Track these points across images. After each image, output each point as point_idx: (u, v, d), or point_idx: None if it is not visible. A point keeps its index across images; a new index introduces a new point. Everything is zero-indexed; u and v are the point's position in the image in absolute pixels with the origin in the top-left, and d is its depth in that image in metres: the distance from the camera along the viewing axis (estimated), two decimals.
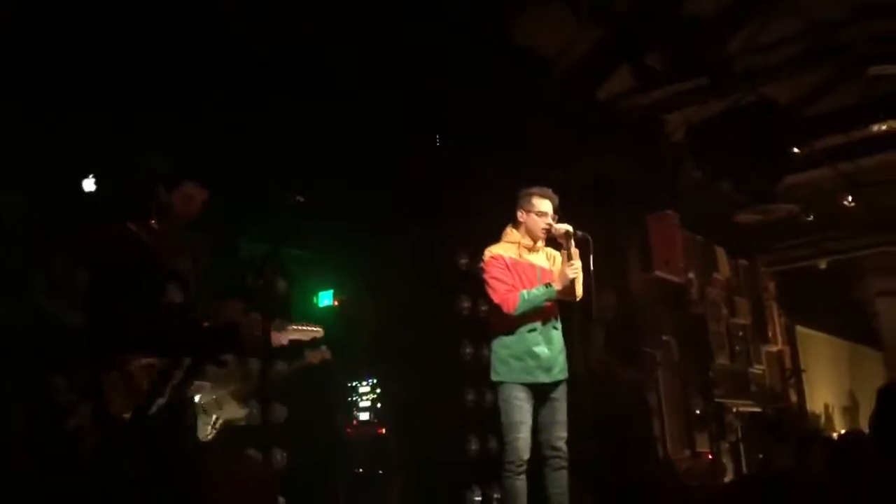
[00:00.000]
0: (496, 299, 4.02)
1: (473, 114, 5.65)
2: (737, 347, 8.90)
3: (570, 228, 4.07)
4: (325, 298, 7.47)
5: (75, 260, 4.35)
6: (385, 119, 5.43)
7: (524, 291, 4.00)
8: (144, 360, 3.10)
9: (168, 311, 3.25)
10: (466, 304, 6.67)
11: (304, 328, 4.40)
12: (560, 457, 4.00)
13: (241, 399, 4.89)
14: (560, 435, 4.02)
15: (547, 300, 4.04)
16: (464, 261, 6.64)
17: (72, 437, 4.54)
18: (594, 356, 5.37)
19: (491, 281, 4.07)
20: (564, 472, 4.00)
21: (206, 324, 3.34)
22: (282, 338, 4.20)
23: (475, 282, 6.04)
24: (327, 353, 5.14)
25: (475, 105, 5.58)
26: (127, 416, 3.03)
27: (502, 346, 4.07)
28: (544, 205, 4.16)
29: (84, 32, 4.18)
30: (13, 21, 3.96)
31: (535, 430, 4.03)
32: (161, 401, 3.08)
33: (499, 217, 4.39)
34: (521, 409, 3.96)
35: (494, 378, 4.07)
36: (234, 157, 5.30)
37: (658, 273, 7.44)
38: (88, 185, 4.33)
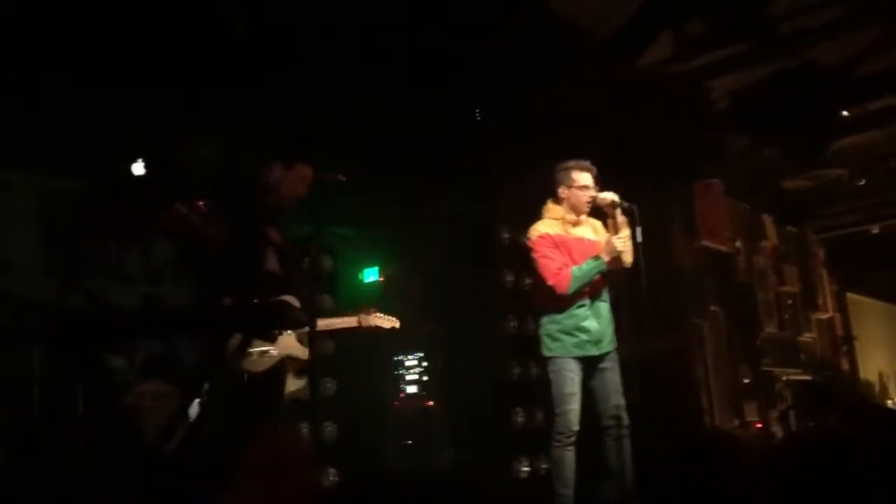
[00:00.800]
0: (550, 281, 4.02)
1: (513, 85, 5.62)
2: (785, 316, 8.76)
3: (616, 198, 4.05)
4: (371, 274, 7.57)
5: (127, 243, 4.47)
6: (426, 94, 5.44)
7: (575, 268, 4.00)
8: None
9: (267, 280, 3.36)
10: (510, 277, 6.68)
11: (387, 317, 4.79)
12: (620, 425, 4.00)
13: (298, 372, 5.00)
14: (617, 403, 4.03)
15: (598, 273, 4.04)
16: (506, 234, 6.65)
17: (129, 414, 4.71)
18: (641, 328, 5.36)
19: (541, 261, 4.08)
20: (626, 441, 4.00)
21: (255, 300, 3.42)
22: (368, 321, 4.62)
23: (518, 255, 6.07)
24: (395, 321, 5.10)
25: (515, 77, 5.54)
26: None
27: (552, 322, 4.09)
28: (584, 177, 4.14)
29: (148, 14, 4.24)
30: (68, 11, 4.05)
31: (591, 402, 4.05)
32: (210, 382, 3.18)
33: (541, 190, 4.39)
34: (572, 381, 3.99)
35: (546, 354, 4.09)
36: (275, 137, 5.38)
37: (704, 242, 7.35)
38: (138, 169, 4.43)
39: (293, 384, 4.83)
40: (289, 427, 5.21)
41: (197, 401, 3.31)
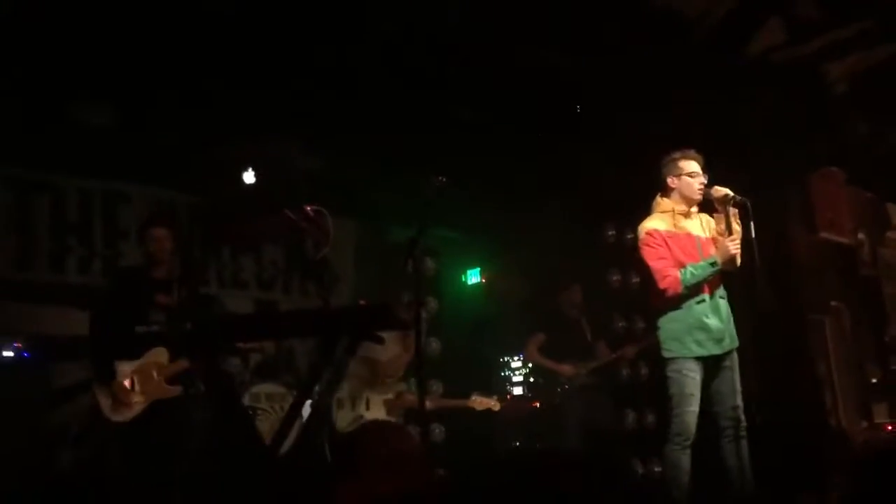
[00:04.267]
0: (661, 284, 3.90)
1: (615, 81, 5.50)
2: None
3: (729, 192, 3.89)
4: (473, 276, 7.60)
5: (241, 251, 4.63)
6: (521, 95, 5.40)
7: (687, 271, 3.87)
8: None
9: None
10: (616, 276, 6.55)
11: (483, 400, 5.64)
12: (738, 426, 3.85)
13: (392, 411, 5.31)
14: (736, 404, 3.87)
15: (711, 276, 3.90)
16: (611, 232, 6.52)
17: (246, 415, 4.87)
18: (760, 325, 5.13)
19: (652, 263, 3.96)
20: (744, 443, 3.84)
21: (362, 301, 3.47)
22: (475, 404, 5.47)
23: (625, 253, 5.93)
24: (495, 404, 5.75)
25: (616, 72, 5.42)
26: None
27: (671, 321, 3.95)
28: (692, 165, 4.01)
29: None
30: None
31: (709, 401, 3.91)
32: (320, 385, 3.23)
33: (647, 185, 4.26)
34: (692, 382, 3.85)
35: (666, 355, 3.95)
36: (378, 145, 5.47)
37: (823, 234, 6.98)
38: (248, 177, 4.57)
39: (380, 414, 5.13)
40: (389, 427, 5.30)
41: (309, 402, 3.38)
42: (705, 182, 3.96)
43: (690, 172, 3.99)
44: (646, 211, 4.16)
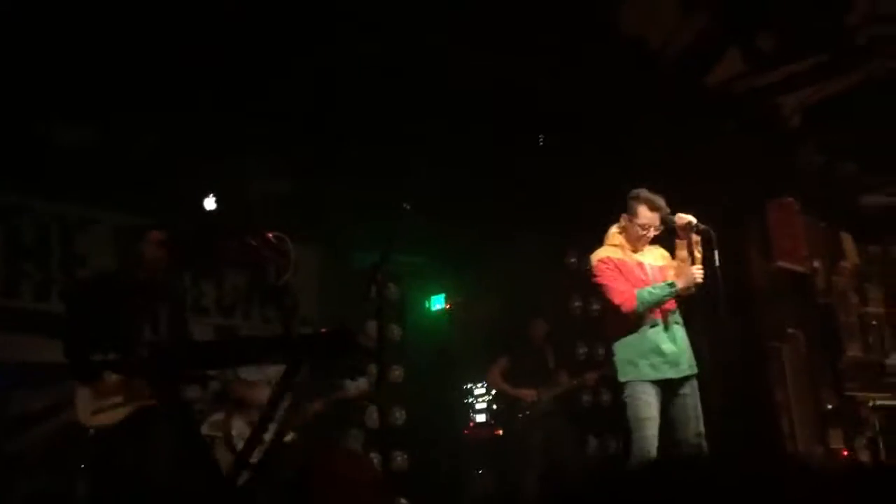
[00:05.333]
0: (616, 300, 3.94)
1: (579, 109, 5.58)
2: (870, 338, 8.38)
3: (693, 220, 3.94)
4: (437, 302, 7.59)
5: (202, 276, 4.57)
6: (488, 122, 5.44)
7: (642, 290, 3.91)
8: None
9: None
10: (578, 302, 6.60)
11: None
12: (700, 453, 3.87)
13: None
14: (698, 431, 3.90)
15: (669, 298, 3.95)
16: (573, 259, 6.58)
17: (205, 443, 4.78)
18: (719, 352, 5.19)
19: (606, 283, 4.00)
20: None
21: (323, 329, 3.44)
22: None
23: (585, 280, 5.98)
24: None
25: (580, 100, 5.50)
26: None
27: (625, 346, 3.99)
28: (649, 216, 4.03)
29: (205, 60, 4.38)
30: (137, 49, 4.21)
31: (670, 428, 3.93)
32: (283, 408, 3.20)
33: (610, 213, 4.31)
34: (648, 406, 3.87)
35: (622, 379, 3.98)
36: (342, 170, 5.46)
37: (780, 263, 7.11)
38: (210, 204, 4.54)
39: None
40: (361, 453, 5.23)
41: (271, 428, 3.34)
42: (656, 233, 4.03)
43: (643, 223, 4.04)
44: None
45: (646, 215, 4.04)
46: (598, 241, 4.21)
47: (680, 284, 3.91)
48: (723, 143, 6.17)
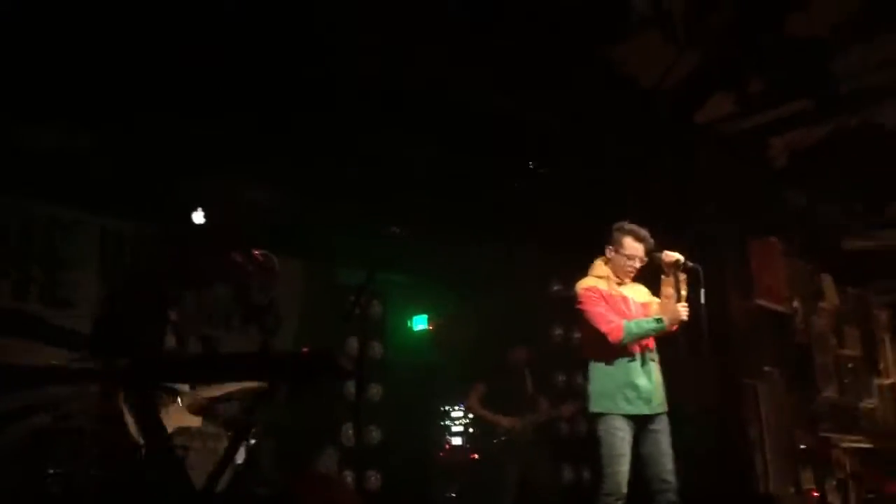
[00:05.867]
0: (603, 328, 3.96)
1: (568, 139, 5.65)
2: (846, 380, 8.46)
3: (681, 258, 3.97)
4: (420, 323, 7.59)
5: (185, 289, 4.56)
6: (480, 147, 5.49)
7: (629, 322, 3.95)
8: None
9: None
10: (559, 331, 6.63)
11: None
12: (670, 490, 3.90)
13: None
14: (668, 468, 3.93)
15: (654, 333, 3.98)
16: (556, 287, 6.62)
17: (177, 454, 4.74)
18: (703, 390, 5.22)
19: (592, 311, 4.02)
20: None
21: (304, 349, 3.44)
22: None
23: (568, 309, 6.02)
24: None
25: (568, 130, 5.57)
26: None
27: (602, 377, 4.01)
28: (635, 247, 4.08)
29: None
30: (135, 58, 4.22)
31: (641, 463, 3.95)
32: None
33: (595, 244, 4.35)
34: (622, 442, 3.90)
35: (594, 409, 4.01)
36: (329, 190, 5.48)
37: (759, 301, 7.17)
38: (198, 217, 4.54)
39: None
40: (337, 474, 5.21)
41: (244, 444, 3.34)
42: (640, 265, 4.07)
43: (629, 254, 4.08)
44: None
45: (631, 245, 4.08)
46: (582, 272, 4.25)
47: (667, 321, 3.94)
48: (708, 180, 6.25)
